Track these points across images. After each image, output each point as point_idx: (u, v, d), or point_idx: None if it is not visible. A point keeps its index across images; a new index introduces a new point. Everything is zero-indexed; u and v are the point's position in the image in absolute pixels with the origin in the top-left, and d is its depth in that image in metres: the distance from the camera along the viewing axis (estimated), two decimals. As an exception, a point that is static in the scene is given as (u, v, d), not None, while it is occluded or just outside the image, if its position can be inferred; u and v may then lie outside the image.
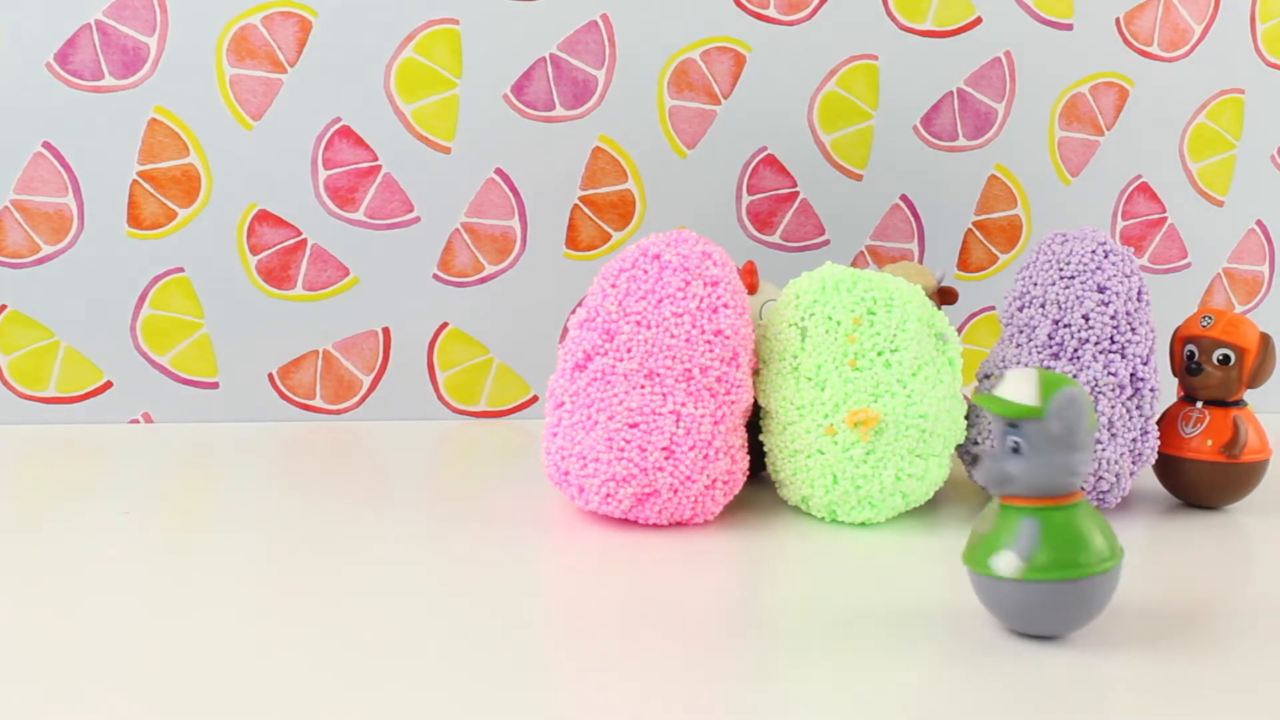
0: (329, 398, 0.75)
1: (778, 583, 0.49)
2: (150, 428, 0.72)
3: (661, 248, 0.55)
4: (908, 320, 0.55)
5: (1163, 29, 0.81)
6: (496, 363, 0.77)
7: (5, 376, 0.71)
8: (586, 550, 0.52)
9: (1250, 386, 0.59)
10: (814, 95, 0.78)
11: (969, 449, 0.59)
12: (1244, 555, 0.54)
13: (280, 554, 0.50)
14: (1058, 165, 0.82)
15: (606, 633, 0.43)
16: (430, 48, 0.73)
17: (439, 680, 0.39)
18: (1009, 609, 0.42)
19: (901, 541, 0.54)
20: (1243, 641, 0.43)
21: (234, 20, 0.71)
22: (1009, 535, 0.41)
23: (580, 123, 0.75)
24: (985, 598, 0.43)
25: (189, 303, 0.73)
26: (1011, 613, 0.42)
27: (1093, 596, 0.41)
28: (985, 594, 0.43)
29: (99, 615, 0.43)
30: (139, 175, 0.71)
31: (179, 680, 0.38)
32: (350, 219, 0.74)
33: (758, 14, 0.76)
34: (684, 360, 0.53)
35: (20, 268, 0.71)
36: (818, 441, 0.55)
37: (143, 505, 0.56)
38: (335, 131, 0.73)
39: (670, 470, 0.53)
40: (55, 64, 0.69)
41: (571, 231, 0.76)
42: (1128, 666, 0.41)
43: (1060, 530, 0.41)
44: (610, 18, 0.74)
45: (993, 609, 0.43)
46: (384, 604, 0.45)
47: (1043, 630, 0.42)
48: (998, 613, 0.43)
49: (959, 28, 0.79)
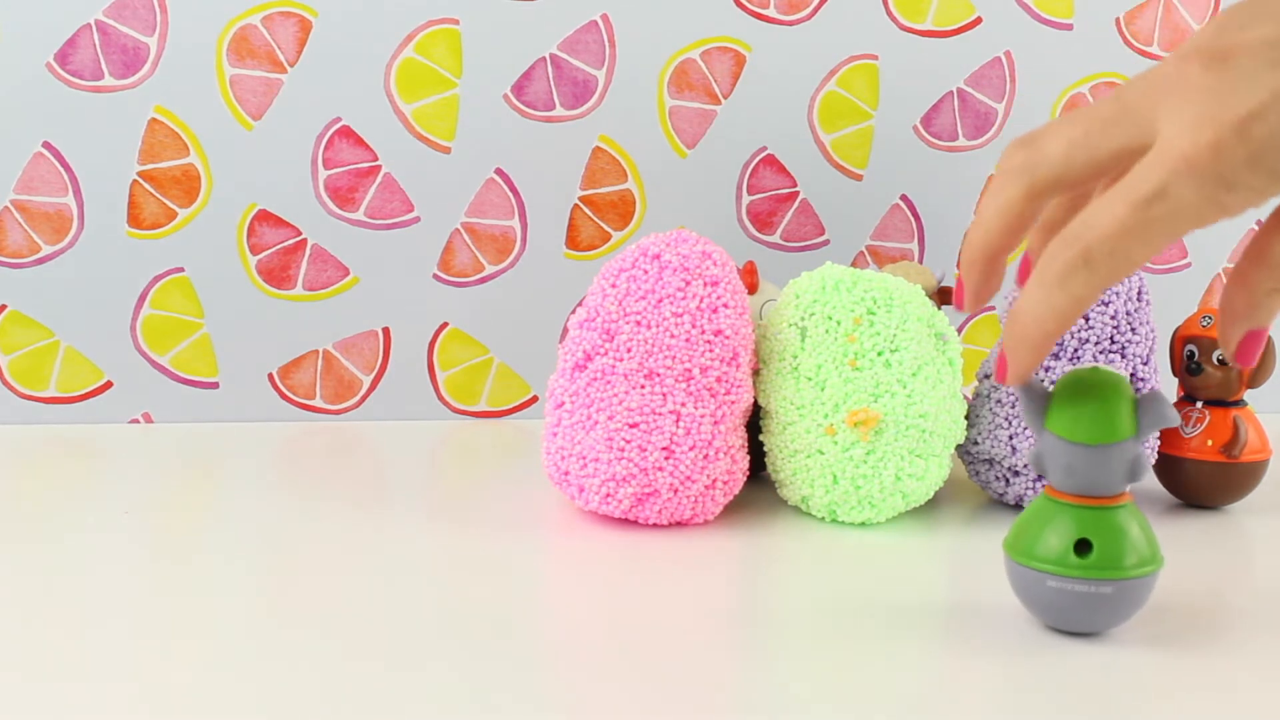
0: (329, 398, 0.75)
1: (778, 583, 0.49)
2: (150, 428, 0.72)
3: (661, 248, 0.55)
4: (908, 320, 0.55)
5: (1163, 29, 0.81)
6: (496, 363, 0.77)
7: (5, 376, 0.71)
8: (586, 550, 0.52)
9: (1250, 386, 0.59)
10: (814, 95, 0.78)
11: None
12: (1244, 555, 0.54)
13: (280, 554, 0.50)
14: (1058, 165, 0.81)
15: (606, 633, 0.43)
16: (430, 48, 0.73)
17: (439, 680, 0.39)
18: (1043, 603, 0.42)
19: (901, 541, 0.54)
20: (1243, 641, 0.43)
21: (234, 20, 0.71)
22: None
23: (580, 123, 0.75)
24: (1021, 589, 0.43)
25: (189, 303, 0.73)
26: (1046, 607, 0.43)
27: (1134, 598, 0.42)
28: (1022, 585, 0.43)
29: (99, 615, 0.43)
30: (139, 175, 0.71)
31: (179, 680, 0.38)
32: (350, 219, 0.74)
33: (758, 14, 0.76)
34: (684, 360, 0.53)
35: (20, 268, 0.71)
36: (818, 441, 0.55)
37: (143, 505, 0.56)
38: (335, 131, 0.73)
39: (670, 470, 0.53)
40: (55, 64, 0.69)
41: (571, 231, 0.76)
42: (1128, 666, 0.41)
43: (1111, 530, 0.42)
44: (610, 18, 0.74)
45: (1027, 601, 0.43)
46: (383, 604, 0.45)
47: (1075, 627, 0.43)
48: (1032, 607, 0.43)
49: (959, 28, 0.79)
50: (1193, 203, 0.34)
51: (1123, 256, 0.35)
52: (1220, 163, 0.33)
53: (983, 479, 0.59)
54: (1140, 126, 0.36)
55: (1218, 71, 0.34)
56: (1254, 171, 0.33)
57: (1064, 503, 0.42)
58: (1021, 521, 0.43)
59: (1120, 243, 0.35)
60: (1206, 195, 0.34)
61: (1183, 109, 0.34)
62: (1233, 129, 0.33)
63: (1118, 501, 0.42)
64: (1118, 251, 0.35)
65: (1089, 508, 0.42)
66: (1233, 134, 0.33)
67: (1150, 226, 0.35)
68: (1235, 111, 0.33)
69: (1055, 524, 0.42)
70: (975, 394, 0.60)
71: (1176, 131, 0.34)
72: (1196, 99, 0.34)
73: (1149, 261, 0.36)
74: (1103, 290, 0.36)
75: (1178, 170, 0.34)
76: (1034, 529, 0.42)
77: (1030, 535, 0.42)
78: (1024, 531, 0.43)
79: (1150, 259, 0.36)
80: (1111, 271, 0.36)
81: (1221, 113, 0.33)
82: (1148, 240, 0.35)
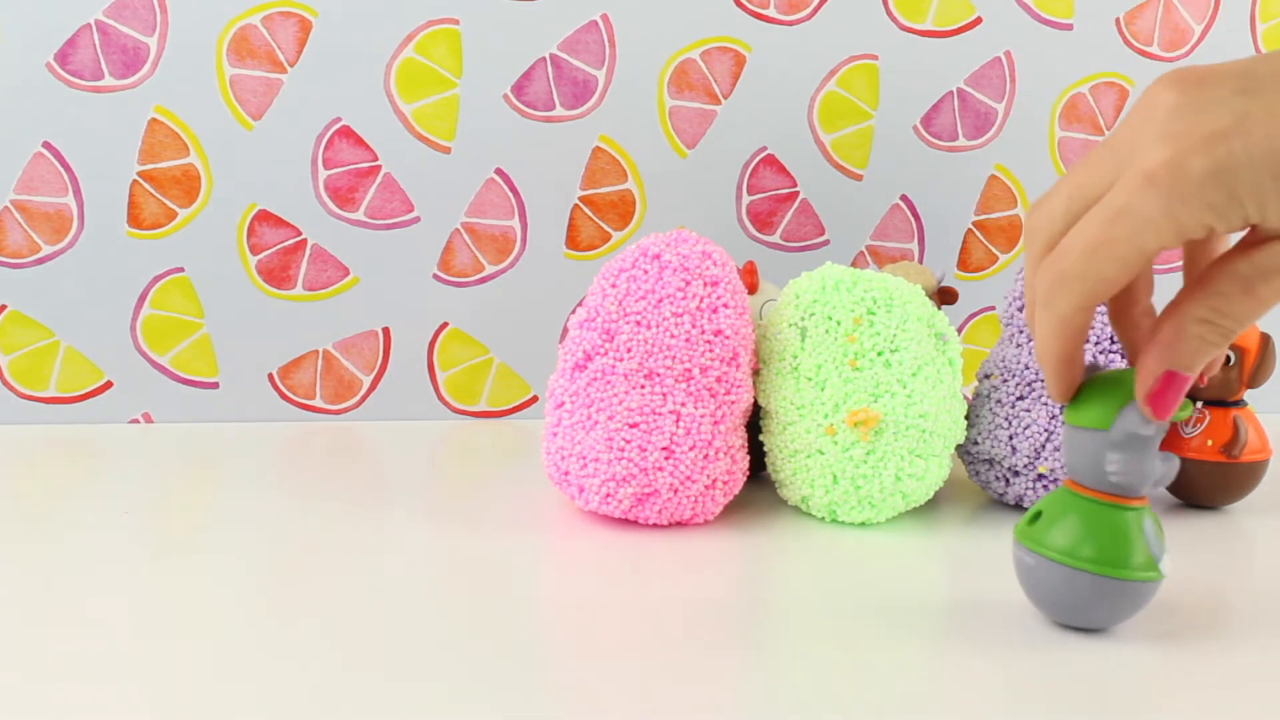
0: (329, 398, 0.75)
1: (778, 583, 0.49)
2: (150, 428, 0.72)
3: (661, 248, 0.55)
4: (908, 320, 0.55)
5: (1163, 29, 0.81)
6: (496, 363, 0.77)
7: (5, 376, 0.71)
8: (586, 550, 0.52)
9: (1250, 386, 0.59)
10: (814, 95, 0.78)
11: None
12: (1244, 555, 0.54)
13: (280, 554, 0.50)
14: (1058, 165, 0.82)
15: (606, 633, 0.43)
16: (430, 48, 0.73)
17: (439, 680, 0.39)
18: (1045, 591, 0.43)
19: (901, 541, 0.54)
20: (1243, 641, 0.44)
21: (234, 20, 0.71)
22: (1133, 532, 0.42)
23: (580, 123, 0.75)
24: (1026, 577, 0.44)
25: (189, 303, 0.73)
26: (1048, 596, 0.43)
27: (1138, 598, 0.42)
28: (1027, 573, 0.43)
29: (99, 615, 0.43)
30: (139, 175, 0.71)
31: (179, 680, 0.38)
32: (350, 219, 0.74)
33: (758, 14, 0.76)
34: (684, 360, 0.53)
35: (20, 268, 0.71)
36: (818, 441, 0.55)
37: (143, 505, 0.56)
38: (335, 131, 0.73)
39: (670, 470, 0.53)
40: (55, 64, 0.69)
41: (571, 231, 0.76)
42: (1128, 665, 0.41)
43: (1129, 528, 0.42)
44: (610, 18, 0.74)
45: (1029, 589, 0.44)
46: (384, 604, 0.45)
47: (1076, 621, 0.43)
48: (1033, 594, 0.44)
49: (959, 28, 0.79)
50: (1153, 218, 0.35)
51: (1095, 275, 0.36)
52: (1177, 177, 0.34)
53: (983, 479, 0.59)
54: (1121, 157, 0.36)
55: (1190, 95, 0.35)
56: (1213, 188, 0.34)
57: (1075, 494, 0.43)
58: (1035, 509, 0.44)
59: (1090, 261, 0.36)
60: (1164, 209, 0.34)
61: (1151, 129, 0.35)
62: (1193, 145, 0.34)
63: (1128, 503, 0.42)
64: (1089, 271, 0.36)
65: (1098, 501, 0.42)
66: (1192, 151, 0.34)
67: (1116, 244, 0.35)
68: (1199, 130, 0.34)
69: (1062, 513, 0.43)
70: (975, 394, 0.60)
71: (1143, 151, 0.35)
72: (1164, 118, 0.35)
73: (1126, 278, 0.36)
74: (1085, 308, 0.37)
75: (1139, 186, 0.35)
76: (1045, 517, 0.43)
77: (1040, 523, 0.43)
78: (1035, 518, 0.44)
79: (1127, 275, 0.36)
80: (1086, 290, 0.37)
81: (1185, 131, 0.34)
82: (1115, 256, 0.36)
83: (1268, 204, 0.34)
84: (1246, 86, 0.34)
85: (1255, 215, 0.34)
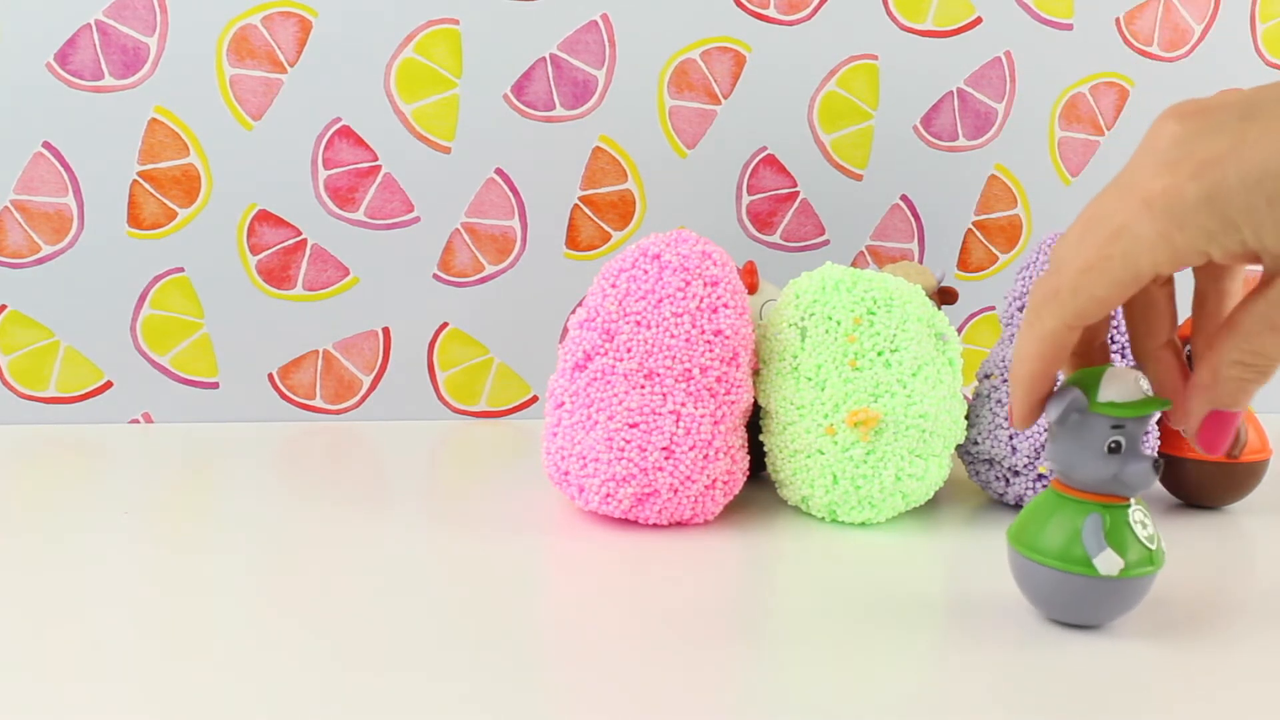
0: (329, 398, 0.75)
1: (778, 583, 0.49)
2: (150, 428, 0.72)
3: (661, 248, 0.55)
4: (908, 320, 0.55)
5: (1163, 29, 0.81)
6: (496, 363, 0.77)
7: (5, 376, 0.71)
8: (586, 550, 0.52)
9: (1250, 386, 0.59)
10: (814, 95, 0.78)
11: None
12: (1244, 555, 0.54)
13: (280, 554, 0.50)
14: (1058, 165, 0.82)
15: (606, 633, 0.43)
16: (430, 48, 0.73)
17: (439, 679, 0.39)
18: (1044, 593, 0.43)
19: (901, 541, 0.54)
20: (1242, 639, 0.44)
21: (234, 20, 0.71)
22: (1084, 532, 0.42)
23: (580, 123, 0.75)
24: (1023, 579, 0.44)
25: (189, 303, 0.73)
26: (1047, 598, 0.43)
27: (1134, 595, 0.43)
28: (1023, 576, 0.44)
29: (99, 615, 0.43)
30: (139, 175, 0.71)
31: (179, 680, 0.38)
32: (350, 219, 0.74)
33: (758, 14, 0.76)
34: (684, 360, 0.53)
35: (20, 268, 0.71)
36: (818, 441, 0.55)
37: (143, 505, 0.56)
38: (335, 131, 0.73)
39: (670, 470, 0.53)
40: (55, 64, 0.69)
41: (571, 231, 0.76)
42: (1129, 664, 0.41)
43: (1123, 527, 0.43)
44: (610, 18, 0.74)
45: (1028, 592, 0.44)
46: (384, 604, 0.45)
47: (1072, 619, 0.44)
48: (1032, 597, 0.44)
49: (959, 28, 0.79)
50: (1147, 240, 0.35)
51: (1086, 294, 0.37)
52: (1173, 202, 0.34)
53: (983, 479, 0.59)
54: (1125, 189, 0.37)
55: (1190, 124, 0.35)
56: (1207, 213, 0.34)
57: (1064, 495, 0.43)
58: (1026, 513, 0.45)
59: (1083, 279, 0.37)
60: (1159, 232, 0.35)
61: (1152, 159, 0.36)
62: (1190, 170, 0.34)
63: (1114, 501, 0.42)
64: (1080, 288, 0.37)
65: (1085, 502, 0.43)
66: (1189, 176, 0.34)
67: (1109, 264, 0.36)
68: (1196, 157, 0.34)
69: (1055, 515, 0.43)
70: (975, 394, 0.60)
71: (1143, 180, 0.35)
72: (1165, 148, 0.35)
73: (1118, 299, 0.37)
74: (1072, 326, 0.38)
75: (1135, 208, 0.35)
76: (1037, 520, 0.44)
77: (1033, 526, 0.44)
78: (1028, 522, 0.44)
79: (1118, 296, 0.37)
80: (1077, 308, 0.37)
81: (1183, 158, 0.35)
82: (1107, 276, 0.36)
83: (1263, 228, 0.34)
84: (1246, 113, 0.34)
85: (1253, 241, 0.34)
